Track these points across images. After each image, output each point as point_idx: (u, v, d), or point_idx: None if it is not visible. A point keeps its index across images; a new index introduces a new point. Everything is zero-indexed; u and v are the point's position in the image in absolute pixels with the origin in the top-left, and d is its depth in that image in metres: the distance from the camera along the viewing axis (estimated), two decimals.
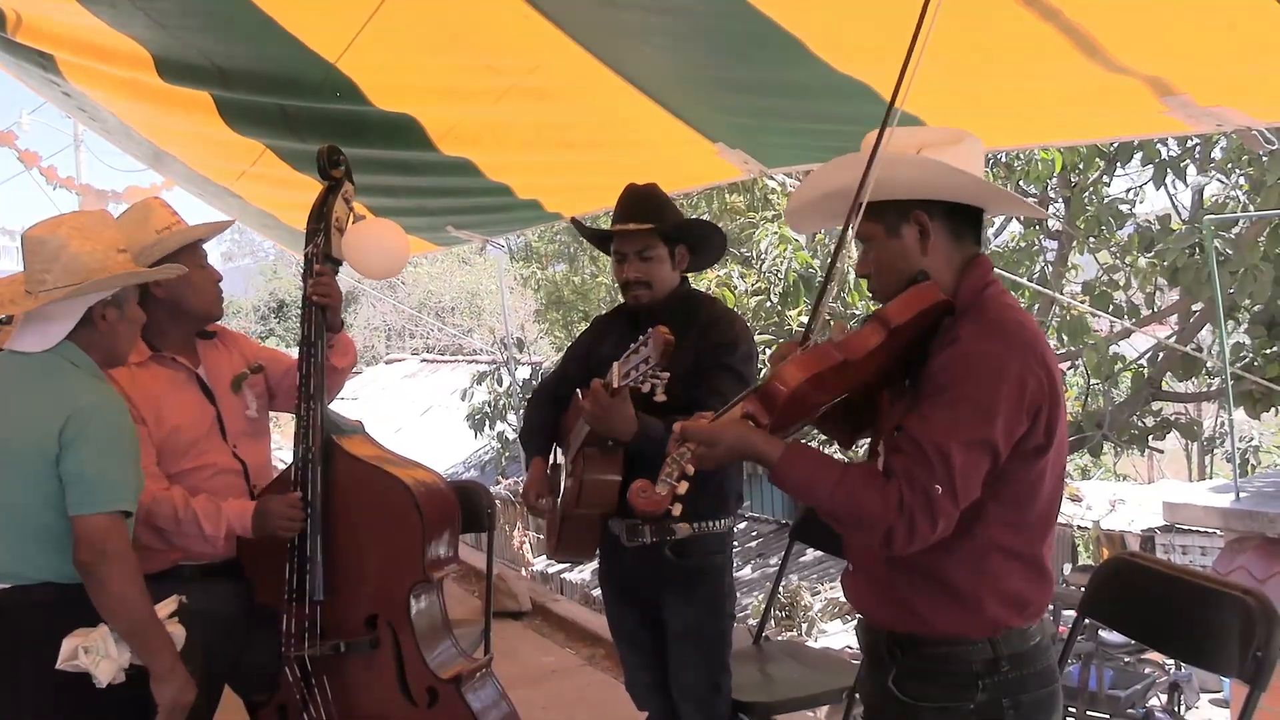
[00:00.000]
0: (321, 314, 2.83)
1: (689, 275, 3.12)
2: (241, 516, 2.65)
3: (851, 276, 9.34)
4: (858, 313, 9.92)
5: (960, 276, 1.96)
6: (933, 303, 1.87)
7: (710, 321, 2.93)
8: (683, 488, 1.83)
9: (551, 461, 3.11)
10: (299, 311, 2.91)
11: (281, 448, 3.11)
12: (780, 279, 9.26)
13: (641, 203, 2.98)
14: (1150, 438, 10.38)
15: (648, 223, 2.92)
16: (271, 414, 3.05)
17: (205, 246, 2.89)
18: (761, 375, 2.02)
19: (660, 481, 1.82)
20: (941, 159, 1.92)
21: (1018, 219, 10.03)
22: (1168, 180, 8.87)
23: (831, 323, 2.20)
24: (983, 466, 1.81)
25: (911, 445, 1.81)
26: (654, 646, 3.00)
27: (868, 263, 2.02)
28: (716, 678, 2.94)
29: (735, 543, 3.12)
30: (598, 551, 3.09)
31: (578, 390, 2.95)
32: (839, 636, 9.66)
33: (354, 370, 3.09)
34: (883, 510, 1.78)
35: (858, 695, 2.88)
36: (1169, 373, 10.17)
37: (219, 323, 3.00)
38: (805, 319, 9.93)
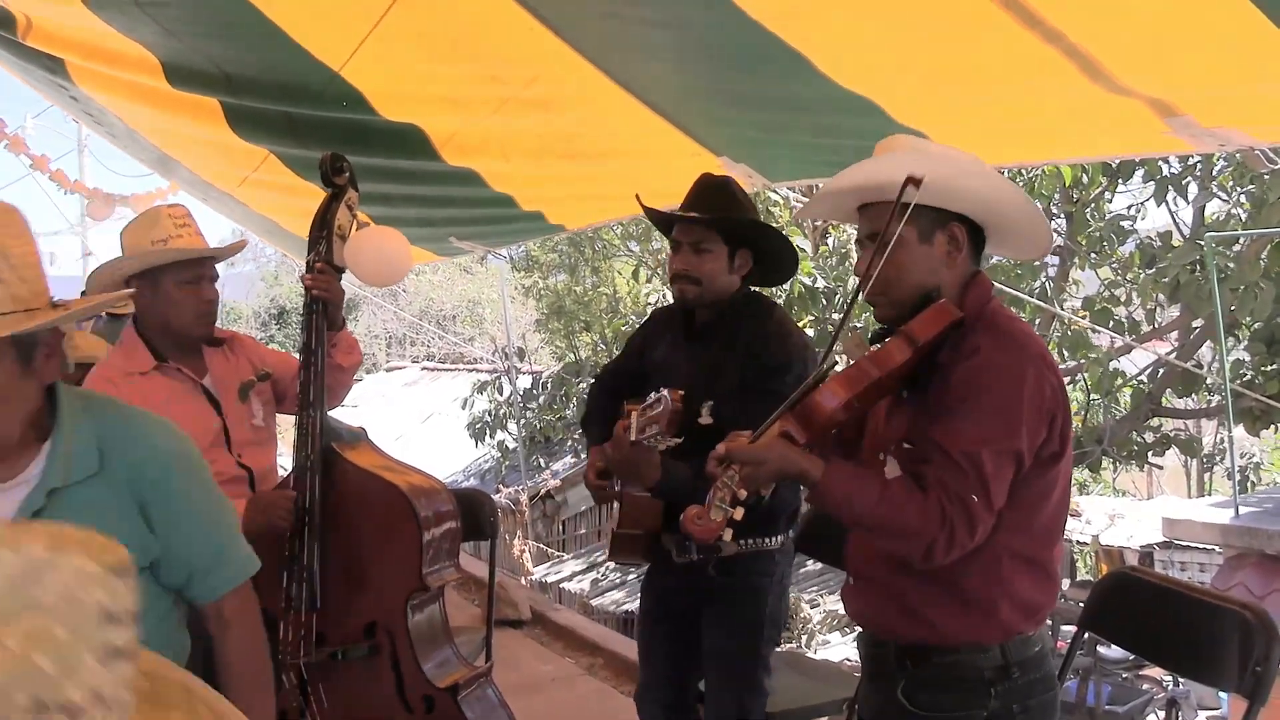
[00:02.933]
0: (323, 314, 2.82)
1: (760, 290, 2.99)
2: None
3: (848, 286, 9.36)
4: (859, 326, 9.93)
5: (964, 291, 1.98)
6: (952, 321, 1.89)
7: (766, 338, 2.76)
8: (738, 514, 1.81)
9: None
10: (300, 319, 2.89)
11: (283, 454, 3.11)
12: (784, 290, 9.28)
13: (709, 194, 2.84)
14: (1150, 453, 10.41)
15: (707, 214, 2.78)
16: (280, 418, 3.05)
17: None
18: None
19: (714, 507, 1.80)
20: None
21: None
22: (1169, 197, 8.91)
23: (849, 335, 2.19)
24: (1009, 474, 1.84)
25: (941, 455, 1.83)
26: (678, 663, 2.95)
27: (876, 263, 1.98)
28: (745, 699, 2.85)
29: None
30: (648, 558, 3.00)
31: (625, 404, 2.88)
32: (839, 648, 9.64)
33: (355, 378, 3.07)
34: (924, 523, 1.79)
35: (857, 709, 2.87)
36: (1169, 389, 10.19)
37: (229, 328, 2.99)
38: (809, 331, 9.97)
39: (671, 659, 2.97)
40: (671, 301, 3.02)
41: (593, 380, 3.23)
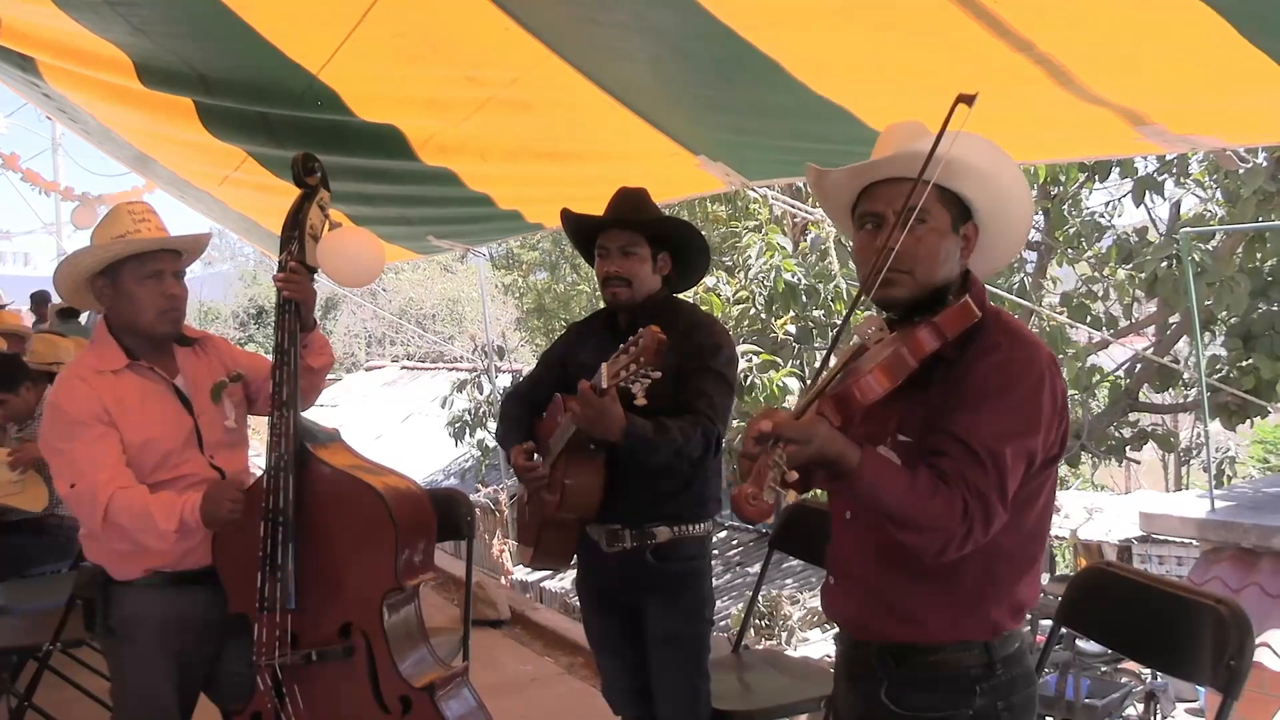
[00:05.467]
0: (295, 314, 2.79)
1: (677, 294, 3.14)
2: (195, 510, 2.60)
3: (836, 284, 9.37)
4: (840, 324, 9.93)
5: (964, 289, 1.96)
6: (973, 321, 1.87)
7: (692, 325, 2.94)
8: (791, 496, 1.80)
9: None
10: None
11: (258, 454, 3.09)
12: (765, 288, 9.27)
13: (630, 201, 3.01)
14: (1127, 448, 10.49)
15: (633, 219, 2.95)
16: (251, 419, 3.02)
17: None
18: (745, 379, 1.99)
19: (767, 488, 1.74)
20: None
21: None
22: (1146, 193, 8.96)
23: (862, 318, 2.16)
24: (1021, 472, 1.83)
25: (962, 450, 1.80)
26: (632, 653, 3.00)
27: (911, 240, 1.89)
28: (696, 682, 2.94)
29: (716, 551, 3.11)
30: (575, 558, 3.09)
31: (556, 395, 2.95)
32: (819, 645, 9.66)
33: (334, 378, 3.04)
34: (947, 518, 1.77)
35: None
36: (1146, 384, 10.26)
37: (205, 328, 2.95)
38: (791, 327, 9.97)
39: (627, 649, 3.02)
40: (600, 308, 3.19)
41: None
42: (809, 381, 1.96)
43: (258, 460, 3.04)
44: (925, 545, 1.82)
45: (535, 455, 2.91)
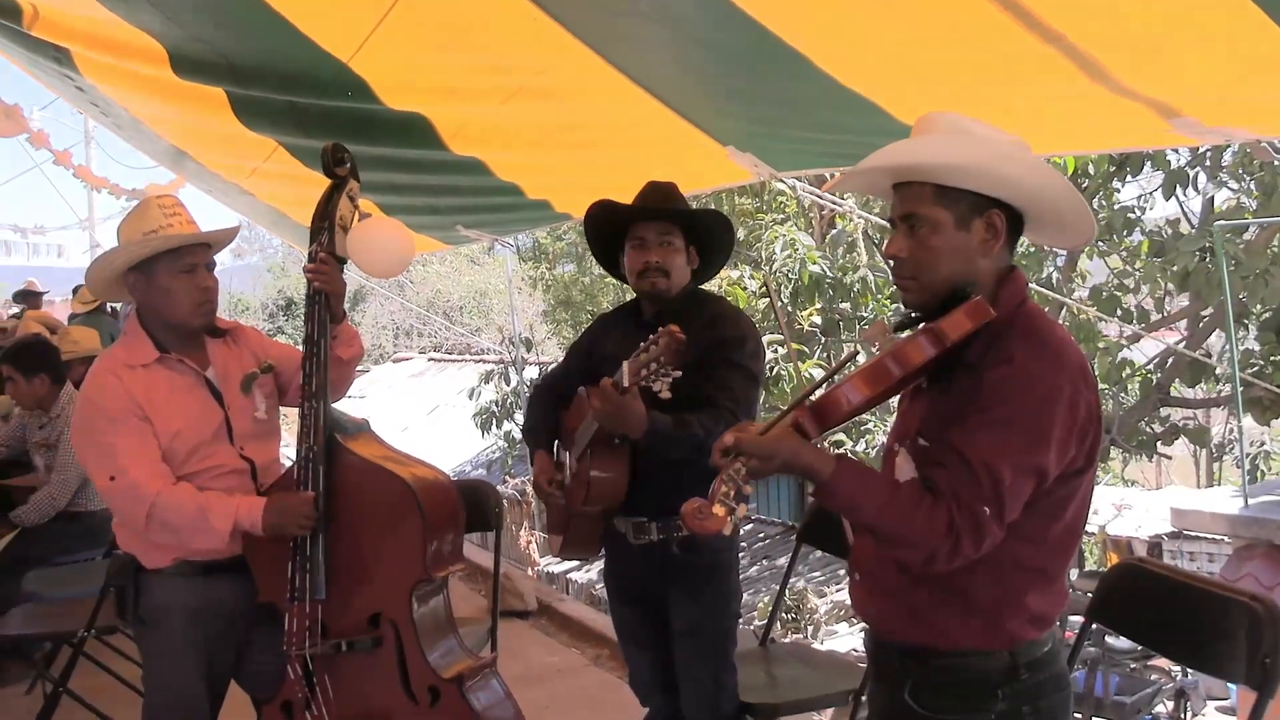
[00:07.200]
0: (325, 305, 2.80)
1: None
2: (251, 513, 2.64)
3: (856, 275, 9.33)
4: (865, 315, 9.90)
5: (998, 287, 1.90)
6: (985, 321, 1.79)
7: (717, 318, 2.93)
8: (743, 510, 1.75)
9: (555, 459, 3.11)
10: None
11: (289, 445, 3.10)
12: (790, 280, 9.25)
13: (664, 193, 3.00)
14: (1159, 443, 10.37)
15: (672, 210, 2.96)
16: (282, 410, 3.04)
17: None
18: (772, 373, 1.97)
19: (718, 502, 1.72)
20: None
21: None
22: (1176, 187, 8.85)
23: (869, 324, 2.16)
24: (1028, 489, 1.77)
25: (958, 462, 1.76)
26: (657, 644, 3.01)
27: (911, 245, 1.90)
28: (721, 675, 2.94)
29: (743, 544, 3.10)
30: (602, 549, 3.10)
31: (581, 388, 2.96)
32: (845, 639, 9.63)
33: (362, 369, 3.05)
34: (929, 533, 1.74)
35: (864, 700, 2.86)
36: (1178, 378, 10.14)
37: (232, 319, 2.96)
38: (816, 319, 9.95)
39: (653, 641, 3.03)
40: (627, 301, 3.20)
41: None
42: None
43: (288, 451, 3.05)
44: (908, 558, 1.81)
45: (556, 480, 2.95)
